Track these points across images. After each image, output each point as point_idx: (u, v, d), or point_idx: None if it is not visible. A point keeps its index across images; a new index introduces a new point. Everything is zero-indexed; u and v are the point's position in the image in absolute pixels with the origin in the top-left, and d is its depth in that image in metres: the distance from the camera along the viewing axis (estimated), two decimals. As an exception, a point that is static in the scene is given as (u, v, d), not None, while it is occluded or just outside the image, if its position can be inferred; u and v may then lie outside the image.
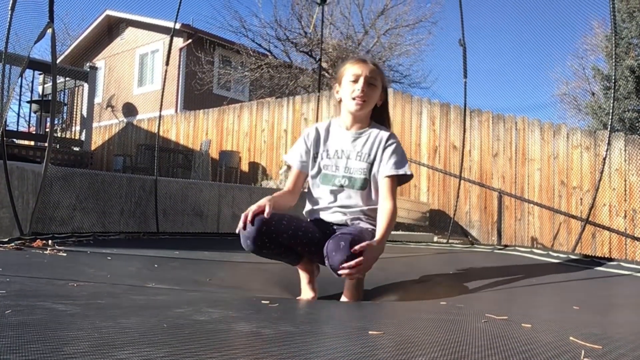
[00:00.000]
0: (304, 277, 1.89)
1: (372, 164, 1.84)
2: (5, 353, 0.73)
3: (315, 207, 1.89)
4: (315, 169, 1.90)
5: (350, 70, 1.83)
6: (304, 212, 1.96)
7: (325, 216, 1.86)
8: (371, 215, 1.84)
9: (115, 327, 0.97)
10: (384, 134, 1.88)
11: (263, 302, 1.40)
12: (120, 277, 1.87)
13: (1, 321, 0.95)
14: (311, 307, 1.54)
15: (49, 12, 3.09)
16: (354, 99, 1.82)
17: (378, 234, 1.67)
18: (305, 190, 1.98)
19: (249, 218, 1.64)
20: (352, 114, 1.87)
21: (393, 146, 1.85)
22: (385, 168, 1.82)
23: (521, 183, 6.02)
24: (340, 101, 1.90)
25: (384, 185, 1.81)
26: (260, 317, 1.19)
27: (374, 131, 1.89)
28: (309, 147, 1.93)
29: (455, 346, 0.92)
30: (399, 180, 1.85)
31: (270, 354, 0.84)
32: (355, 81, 1.81)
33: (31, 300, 1.22)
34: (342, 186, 1.84)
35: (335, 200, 1.85)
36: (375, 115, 1.93)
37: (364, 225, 1.83)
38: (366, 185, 1.83)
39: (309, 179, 1.93)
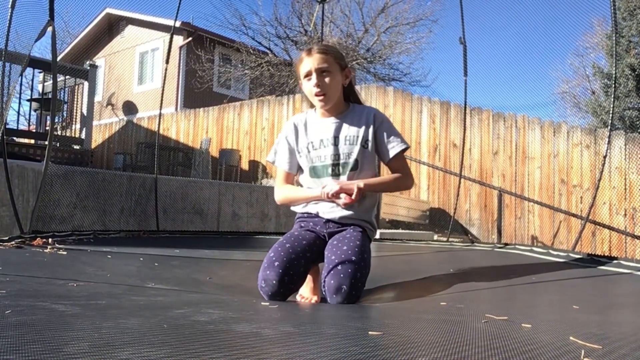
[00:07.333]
0: (308, 281, 1.87)
1: (363, 145, 1.80)
2: (5, 353, 0.73)
3: (310, 203, 1.84)
4: (304, 164, 1.86)
5: (301, 69, 1.80)
6: (296, 210, 1.91)
7: (323, 212, 1.81)
8: (366, 219, 1.81)
9: (116, 328, 0.97)
10: (369, 111, 1.87)
11: (263, 303, 1.40)
12: (121, 277, 1.87)
13: (1, 321, 0.95)
14: (311, 308, 1.54)
15: (49, 10, 3.09)
16: (315, 95, 1.79)
17: (367, 181, 1.76)
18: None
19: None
20: (321, 108, 1.85)
21: (386, 124, 1.85)
22: (391, 148, 1.82)
23: (521, 181, 6.02)
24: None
25: (397, 165, 1.84)
26: (261, 318, 1.20)
27: (357, 110, 1.87)
28: (292, 145, 1.90)
29: (456, 347, 0.92)
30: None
31: (270, 354, 0.84)
32: (309, 78, 1.78)
33: (31, 300, 1.22)
34: (334, 174, 1.79)
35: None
36: (345, 94, 1.88)
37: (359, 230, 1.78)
38: (357, 166, 1.79)
39: (299, 176, 1.89)
